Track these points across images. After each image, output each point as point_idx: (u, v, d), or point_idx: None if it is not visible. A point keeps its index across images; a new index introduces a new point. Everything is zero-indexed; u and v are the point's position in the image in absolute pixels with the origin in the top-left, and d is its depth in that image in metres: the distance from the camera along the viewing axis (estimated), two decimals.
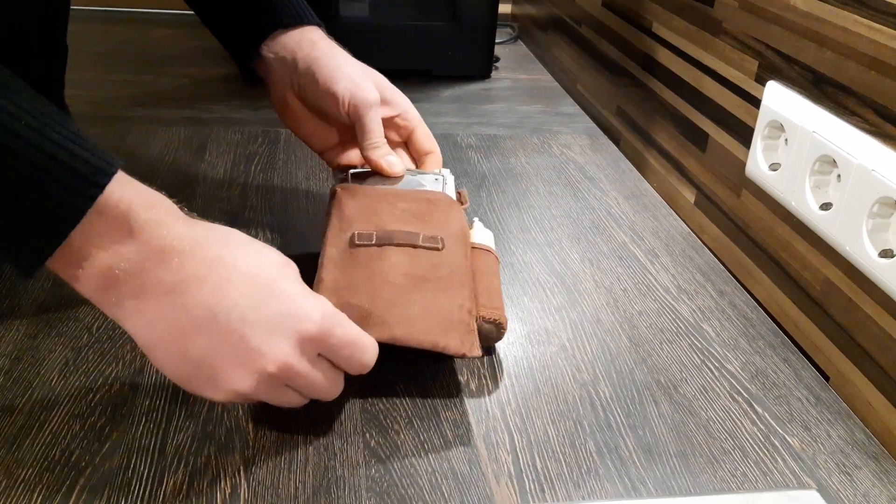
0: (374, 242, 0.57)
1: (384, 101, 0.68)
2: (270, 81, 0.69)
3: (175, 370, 0.45)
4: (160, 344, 0.44)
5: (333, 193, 0.65)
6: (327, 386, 0.48)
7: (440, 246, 0.58)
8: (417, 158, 0.71)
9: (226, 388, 0.44)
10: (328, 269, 0.56)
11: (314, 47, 0.67)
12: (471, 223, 0.66)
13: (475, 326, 0.55)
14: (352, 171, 0.68)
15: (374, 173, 0.67)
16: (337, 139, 0.71)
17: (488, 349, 0.61)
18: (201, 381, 0.45)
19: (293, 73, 0.67)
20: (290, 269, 0.48)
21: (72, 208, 0.40)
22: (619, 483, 0.50)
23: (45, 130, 0.39)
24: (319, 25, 0.70)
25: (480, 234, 0.65)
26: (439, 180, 0.67)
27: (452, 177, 0.69)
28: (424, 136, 0.71)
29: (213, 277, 0.43)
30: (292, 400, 0.48)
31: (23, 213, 0.40)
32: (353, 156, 0.70)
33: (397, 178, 0.66)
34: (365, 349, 0.49)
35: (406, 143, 0.72)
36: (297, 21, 0.68)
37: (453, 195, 0.67)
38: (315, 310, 0.46)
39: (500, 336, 0.58)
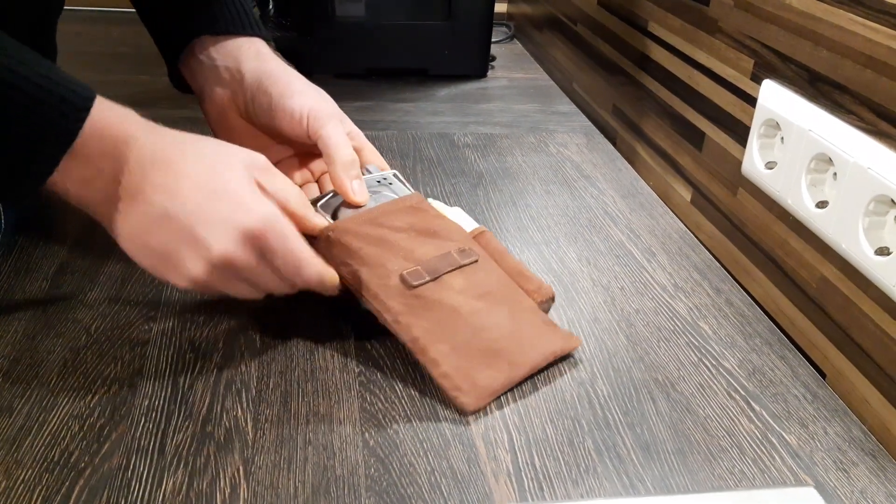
0: (427, 279, 0.54)
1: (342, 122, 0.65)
2: (207, 91, 0.66)
3: (144, 259, 0.52)
4: (130, 238, 0.51)
5: (327, 239, 0.57)
6: (275, 281, 0.53)
7: (477, 258, 0.58)
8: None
9: (184, 274, 0.51)
10: (410, 323, 0.52)
11: (261, 59, 0.64)
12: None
13: (547, 316, 0.54)
14: (318, 203, 0.62)
15: (336, 195, 0.62)
16: (276, 157, 0.66)
17: None
18: (166, 268, 0.51)
19: (238, 86, 0.64)
20: (248, 171, 0.52)
21: (65, 131, 0.47)
22: (618, 481, 0.50)
23: (32, 65, 0.47)
24: (267, 40, 0.66)
25: (459, 217, 0.63)
26: (392, 179, 0.65)
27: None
28: (373, 156, 0.66)
29: (170, 182, 0.50)
30: (243, 291, 0.54)
31: (23, 136, 0.46)
32: (294, 177, 0.67)
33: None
34: (302, 265, 0.53)
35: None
36: (241, 29, 0.64)
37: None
38: (257, 209, 0.51)
39: (549, 308, 0.57)
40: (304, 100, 0.62)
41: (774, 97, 0.69)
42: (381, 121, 1.08)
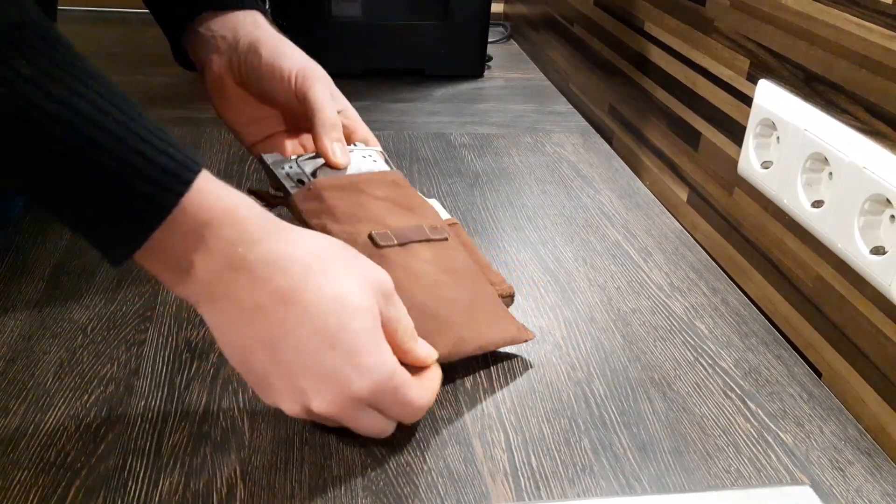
0: (395, 242, 0.55)
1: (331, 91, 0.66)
2: (207, 62, 0.66)
3: (240, 371, 0.46)
4: (229, 346, 0.45)
5: (308, 191, 0.58)
6: (375, 428, 0.48)
7: (445, 237, 0.58)
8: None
9: (278, 405, 0.46)
10: None
11: (257, 27, 0.65)
12: None
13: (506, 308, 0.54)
14: (296, 158, 0.63)
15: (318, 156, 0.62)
16: (271, 129, 0.68)
17: None
18: (260, 389, 0.46)
19: (233, 52, 0.64)
20: (368, 312, 0.45)
21: (158, 204, 0.40)
22: (614, 480, 0.50)
23: (131, 125, 0.40)
24: (263, 11, 0.68)
25: (434, 207, 0.63)
26: (377, 157, 0.66)
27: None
28: (367, 134, 0.67)
29: (282, 313, 0.43)
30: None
31: (110, 207, 0.40)
32: (286, 149, 0.68)
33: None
34: (416, 410, 0.48)
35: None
36: (241, 4, 0.66)
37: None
38: (370, 373, 0.45)
39: (510, 305, 0.57)
40: (293, 62, 0.63)
41: (770, 97, 0.69)
42: (378, 121, 1.08)
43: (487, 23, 1.24)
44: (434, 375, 0.50)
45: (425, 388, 0.49)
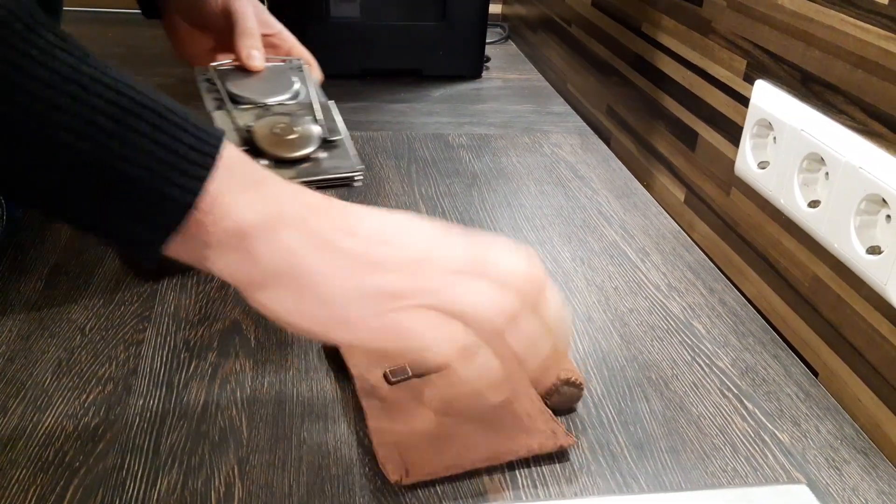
0: (409, 375, 0.55)
1: (264, 23, 0.71)
2: (163, 7, 0.75)
3: (359, 341, 0.40)
4: (329, 283, 0.38)
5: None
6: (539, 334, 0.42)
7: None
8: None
9: (427, 354, 0.40)
10: (375, 404, 0.53)
11: None
12: None
13: (550, 411, 0.53)
14: (213, 64, 0.68)
15: (237, 68, 0.68)
16: (211, 48, 0.74)
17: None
18: (398, 344, 0.40)
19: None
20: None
21: (203, 155, 0.37)
22: (611, 479, 0.50)
23: (162, 98, 0.38)
24: None
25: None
26: (299, 69, 0.69)
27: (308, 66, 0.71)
28: (300, 53, 0.73)
29: (385, 227, 0.40)
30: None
31: (149, 175, 0.36)
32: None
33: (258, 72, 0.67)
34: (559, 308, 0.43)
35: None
36: None
37: (312, 82, 0.68)
38: (518, 257, 0.41)
39: (581, 393, 0.54)
40: None
41: (767, 97, 0.69)
42: (376, 121, 1.08)
43: (485, 24, 1.24)
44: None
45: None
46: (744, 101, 0.74)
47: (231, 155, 0.38)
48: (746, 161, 0.72)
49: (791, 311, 0.67)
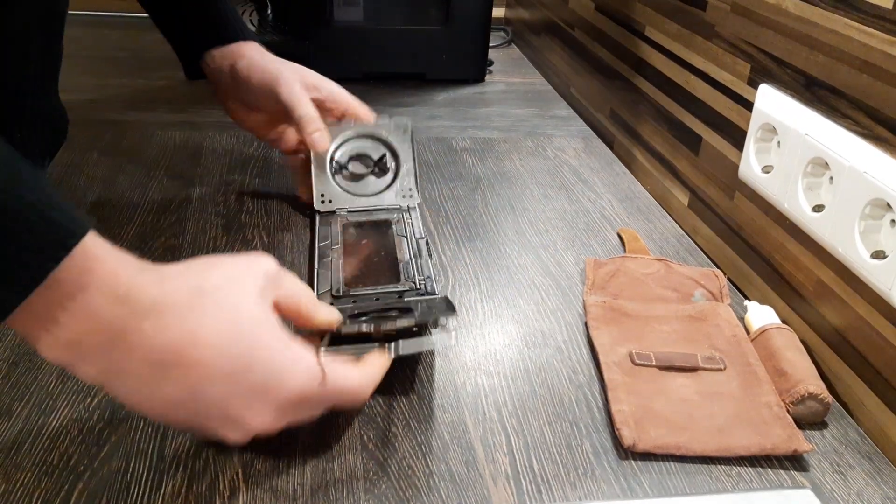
0: (653, 363, 0.59)
1: (313, 87, 0.76)
2: (216, 83, 0.79)
3: (165, 423, 0.46)
4: (141, 408, 0.43)
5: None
6: (318, 414, 0.48)
7: (722, 366, 0.59)
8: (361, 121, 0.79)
9: (220, 439, 0.44)
10: (616, 377, 0.58)
11: (246, 55, 0.76)
12: (743, 308, 0.68)
13: (791, 419, 0.55)
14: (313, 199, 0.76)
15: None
16: (277, 125, 0.80)
17: None
18: (196, 433, 0.48)
19: (230, 78, 0.76)
20: (265, 318, 0.45)
21: (37, 267, 0.38)
22: (616, 484, 0.50)
23: (15, 188, 0.38)
24: (255, 40, 0.79)
25: (760, 315, 0.65)
26: (387, 125, 0.79)
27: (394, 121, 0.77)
28: (355, 108, 0.78)
29: (186, 362, 0.41)
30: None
31: None
32: (292, 140, 0.80)
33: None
34: (355, 396, 0.49)
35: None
36: (237, 37, 0.78)
37: (404, 133, 0.76)
38: (293, 379, 0.44)
39: (826, 411, 0.56)
40: (269, 75, 0.74)
41: (771, 101, 0.69)
42: None
43: (489, 27, 1.25)
44: (376, 361, 0.51)
45: (363, 372, 0.49)
46: (748, 105, 0.74)
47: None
48: (750, 165, 0.72)
49: (795, 316, 0.67)
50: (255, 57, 0.76)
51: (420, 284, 0.64)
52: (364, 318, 0.54)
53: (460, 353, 0.61)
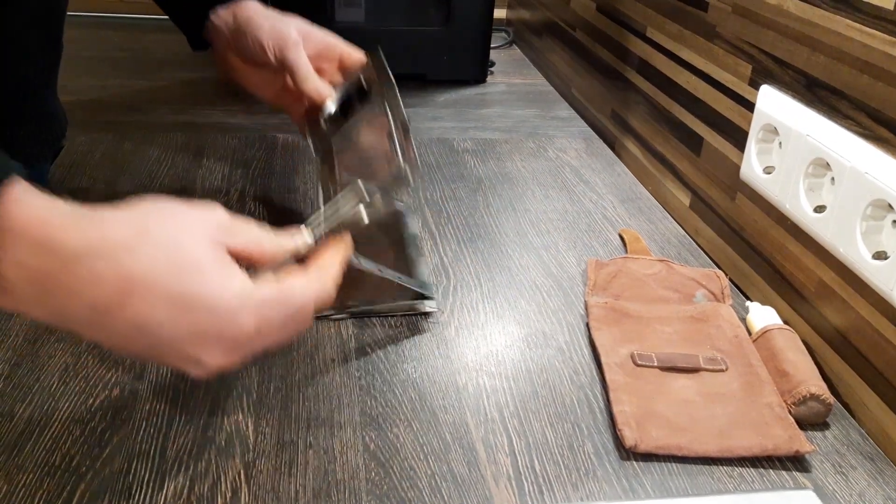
0: (655, 364, 0.59)
1: (308, 40, 0.74)
2: (215, 43, 0.77)
3: (123, 351, 0.44)
4: (98, 342, 0.43)
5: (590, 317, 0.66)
6: (280, 342, 0.47)
7: (723, 367, 0.60)
8: (351, 71, 0.76)
9: (181, 369, 0.44)
10: (618, 378, 0.58)
11: (248, 10, 0.75)
12: (745, 309, 0.68)
13: (793, 420, 0.55)
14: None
15: (346, 120, 0.72)
16: (280, 84, 0.77)
17: None
18: (158, 364, 0.48)
19: (232, 34, 0.75)
20: (214, 246, 0.44)
21: None
22: (618, 484, 0.50)
23: None
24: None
25: (761, 316, 0.65)
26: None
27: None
28: (347, 54, 0.76)
29: (129, 304, 0.41)
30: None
31: None
32: (294, 98, 0.76)
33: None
34: (306, 312, 0.46)
35: (341, 68, 0.77)
36: None
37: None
38: (244, 315, 0.43)
39: (827, 411, 0.56)
40: (269, 33, 0.72)
41: (772, 102, 0.69)
42: None
43: (490, 28, 1.25)
44: (327, 263, 0.49)
45: (314, 280, 0.47)
46: (749, 105, 0.74)
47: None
48: (752, 166, 0.72)
49: (796, 316, 0.67)
50: (258, 10, 0.76)
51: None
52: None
53: (462, 353, 0.62)
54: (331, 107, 0.72)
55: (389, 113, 0.66)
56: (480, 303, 0.68)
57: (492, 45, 1.29)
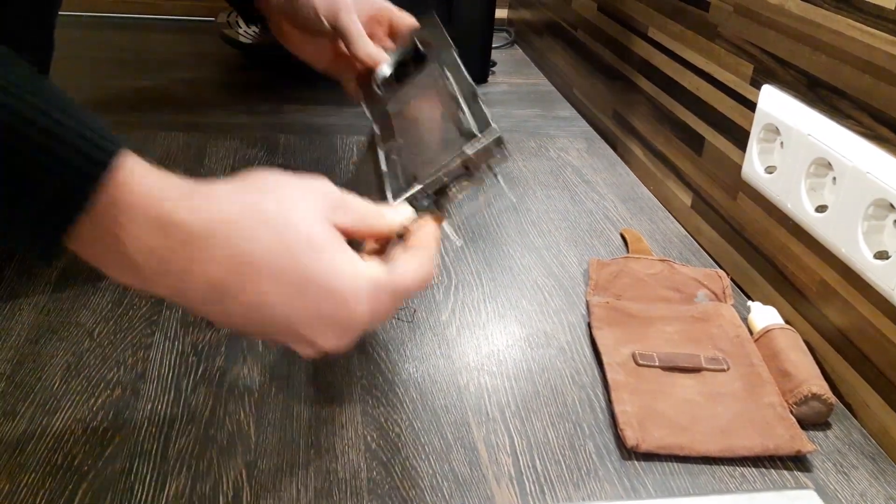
0: (657, 364, 0.60)
1: (360, 4, 0.74)
2: (268, 13, 0.78)
3: (236, 329, 0.45)
4: (215, 321, 0.44)
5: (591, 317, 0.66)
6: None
7: (725, 367, 0.60)
8: (403, 36, 0.76)
9: (293, 349, 0.45)
10: (619, 378, 0.58)
11: None
12: (747, 309, 0.68)
13: (794, 420, 0.55)
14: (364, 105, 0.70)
15: (403, 82, 0.69)
16: (330, 53, 0.77)
17: None
18: (271, 344, 0.49)
19: (286, 2, 0.74)
20: (326, 244, 0.43)
21: (79, 186, 0.37)
22: (619, 484, 0.50)
23: (48, 109, 0.37)
24: None
25: (763, 316, 0.65)
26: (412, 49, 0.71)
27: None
28: (398, 18, 0.75)
29: (241, 286, 0.41)
30: None
31: (30, 196, 0.37)
32: (348, 64, 0.76)
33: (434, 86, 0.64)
34: (422, 285, 0.46)
35: (391, 33, 0.77)
36: None
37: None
38: (353, 297, 0.43)
39: (829, 411, 0.56)
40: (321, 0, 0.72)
41: (774, 102, 0.69)
42: None
43: (491, 28, 1.24)
44: (427, 243, 0.48)
45: (418, 264, 0.46)
46: (751, 105, 0.74)
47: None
48: (753, 166, 0.72)
49: (798, 316, 0.67)
50: None
51: (474, 127, 0.55)
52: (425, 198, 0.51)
53: (463, 353, 0.62)
54: (385, 70, 0.71)
55: (451, 78, 0.61)
56: (482, 302, 0.68)
57: (493, 45, 1.29)
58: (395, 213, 0.48)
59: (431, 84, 0.64)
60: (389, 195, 0.52)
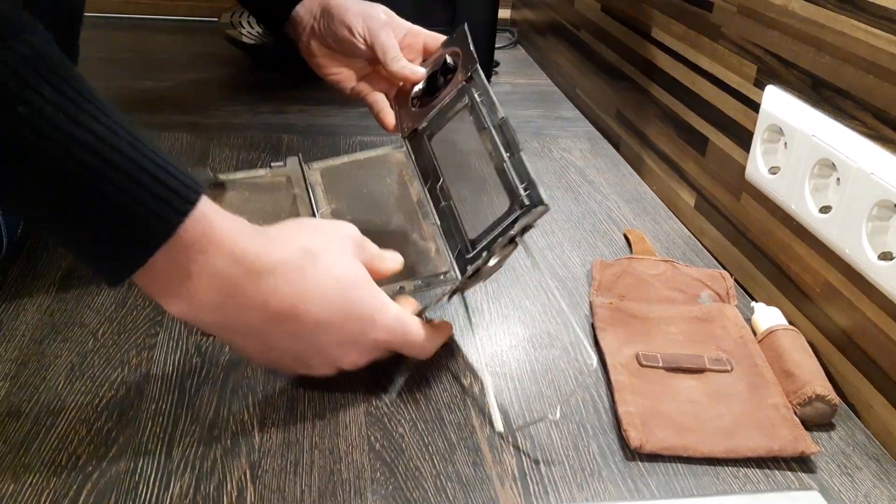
0: (660, 365, 0.60)
1: (393, 25, 0.76)
2: (297, 35, 0.79)
3: (261, 361, 0.54)
4: (247, 354, 0.52)
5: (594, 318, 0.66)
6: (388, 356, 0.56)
7: (729, 368, 0.60)
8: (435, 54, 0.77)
9: (310, 372, 0.53)
10: (623, 379, 0.58)
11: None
12: (750, 310, 0.68)
13: (798, 421, 0.55)
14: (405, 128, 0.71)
15: (428, 103, 0.70)
16: (359, 74, 0.79)
17: None
18: (287, 366, 0.53)
19: (314, 20, 0.77)
20: (360, 276, 0.51)
21: (164, 222, 0.42)
22: (623, 485, 0.50)
23: (140, 148, 0.41)
24: None
25: (767, 316, 0.65)
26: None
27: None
28: (431, 39, 0.77)
29: (298, 314, 0.48)
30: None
31: (116, 225, 0.41)
32: (377, 86, 0.78)
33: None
34: (421, 347, 0.55)
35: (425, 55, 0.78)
36: None
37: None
38: (385, 324, 0.52)
39: (833, 412, 0.56)
40: (358, 14, 0.75)
41: (777, 103, 0.69)
42: None
43: (495, 28, 1.24)
44: (444, 326, 0.59)
45: (433, 333, 0.56)
46: (754, 106, 0.74)
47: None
48: (757, 166, 0.72)
49: (802, 317, 0.67)
50: (336, 3, 0.77)
51: (525, 196, 0.60)
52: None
53: (467, 353, 0.62)
54: (419, 85, 0.73)
55: (484, 110, 0.63)
56: (485, 303, 0.68)
57: (496, 46, 1.29)
58: (393, 260, 0.56)
59: (464, 111, 0.66)
60: (448, 255, 0.61)
